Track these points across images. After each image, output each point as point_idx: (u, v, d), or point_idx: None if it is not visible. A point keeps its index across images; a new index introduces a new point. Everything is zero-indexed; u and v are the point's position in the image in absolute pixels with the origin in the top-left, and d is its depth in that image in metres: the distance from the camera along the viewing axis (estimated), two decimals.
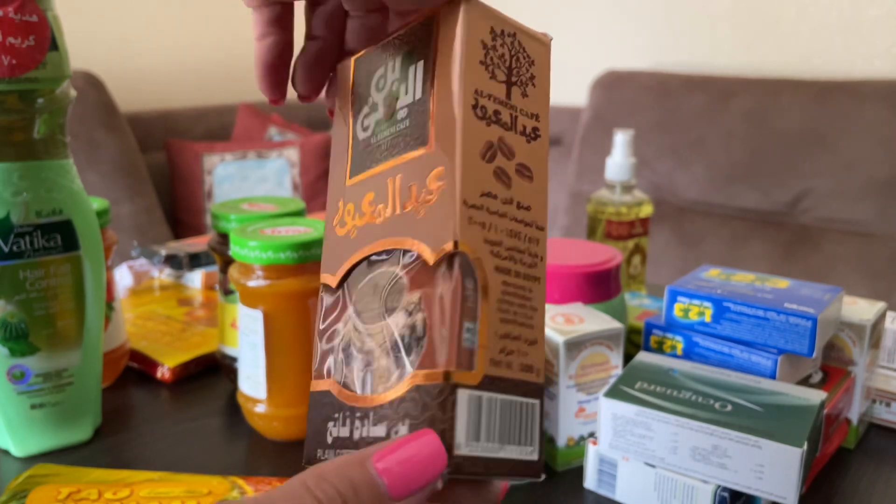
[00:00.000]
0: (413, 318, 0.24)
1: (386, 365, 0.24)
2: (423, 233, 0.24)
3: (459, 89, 0.25)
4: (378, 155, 0.27)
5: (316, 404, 0.26)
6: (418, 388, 0.23)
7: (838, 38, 1.69)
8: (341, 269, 0.27)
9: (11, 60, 0.45)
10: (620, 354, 0.49)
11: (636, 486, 0.44)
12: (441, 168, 0.24)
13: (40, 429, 0.50)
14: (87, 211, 0.50)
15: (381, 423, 0.24)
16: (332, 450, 0.25)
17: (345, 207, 0.27)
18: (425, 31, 0.26)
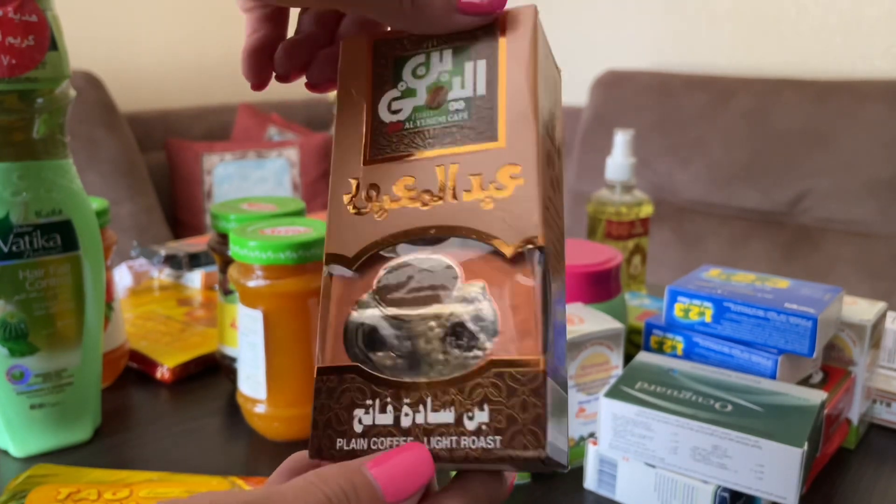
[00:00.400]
0: (477, 306, 0.24)
1: (441, 349, 0.24)
2: (496, 223, 0.25)
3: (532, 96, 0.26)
4: (419, 141, 0.27)
5: (330, 391, 0.25)
6: (500, 373, 0.23)
7: (838, 38, 1.69)
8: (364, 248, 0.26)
9: (11, 60, 0.45)
10: (620, 354, 0.49)
11: (636, 487, 0.44)
12: (517, 166, 0.25)
13: (40, 429, 0.50)
14: (86, 211, 0.50)
15: (446, 408, 0.23)
16: (364, 438, 0.24)
17: (363, 187, 0.27)
18: (486, 31, 0.27)
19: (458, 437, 0.23)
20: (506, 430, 0.23)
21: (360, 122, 0.28)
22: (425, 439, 0.23)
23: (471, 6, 0.27)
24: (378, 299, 0.25)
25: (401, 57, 0.29)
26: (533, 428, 0.23)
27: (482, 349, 0.24)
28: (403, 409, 0.24)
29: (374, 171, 0.27)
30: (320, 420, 0.25)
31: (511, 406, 0.23)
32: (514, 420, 0.23)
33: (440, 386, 0.24)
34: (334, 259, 0.26)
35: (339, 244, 0.26)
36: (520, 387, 0.23)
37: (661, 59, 1.94)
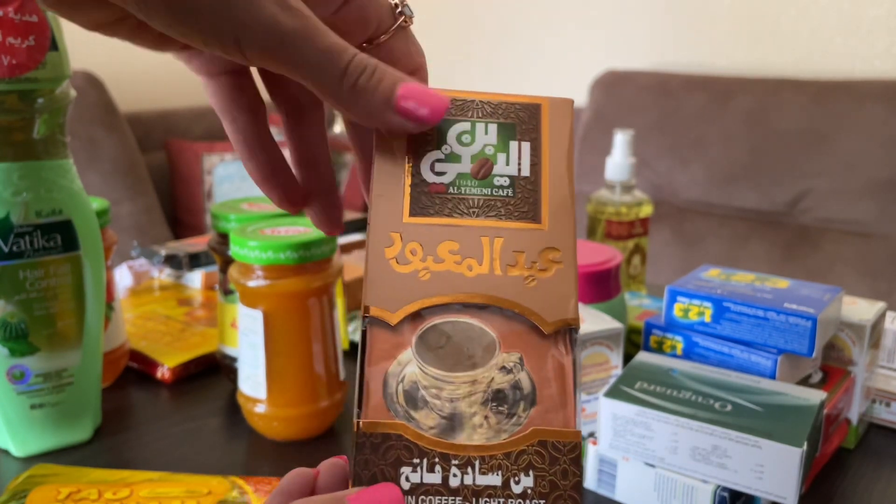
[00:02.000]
0: (515, 376, 0.26)
1: (483, 415, 0.26)
2: (537, 301, 0.27)
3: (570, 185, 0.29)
4: (462, 207, 0.28)
5: (374, 447, 0.25)
6: (543, 443, 0.26)
7: (838, 38, 1.69)
8: (407, 307, 0.27)
9: (11, 60, 0.45)
10: (620, 354, 0.49)
11: (636, 486, 0.44)
12: (558, 251, 0.28)
13: (40, 429, 0.50)
14: (86, 211, 0.50)
15: (493, 471, 0.25)
16: (412, 496, 0.25)
17: (406, 244, 0.27)
18: (530, 115, 0.29)
19: (505, 499, 0.25)
20: (549, 495, 0.25)
21: (401, 176, 0.28)
22: (474, 500, 0.25)
23: (407, 112, 0.26)
24: (418, 357, 0.26)
25: (445, 120, 0.29)
26: (573, 493, 0.26)
27: (523, 417, 0.26)
28: (452, 470, 0.25)
29: (417, 229, 0.28)
30: (364, 475, 0.25)
31: (553, 473, 0.25)
32: (556, 486, 0.25)
33: (488, 450, 0.25)
34: (377, 313, 0.27)
35: (382, 300, 0.27)
36: (561, 456, 0.26)
37: (661, 59, 1.94)
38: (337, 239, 0.51)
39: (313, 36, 0.25)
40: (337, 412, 0.54)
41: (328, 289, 0.51)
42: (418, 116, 0.27)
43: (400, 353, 0.26)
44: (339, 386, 0.53)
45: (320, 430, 0.53)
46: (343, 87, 0.26)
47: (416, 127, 0.27)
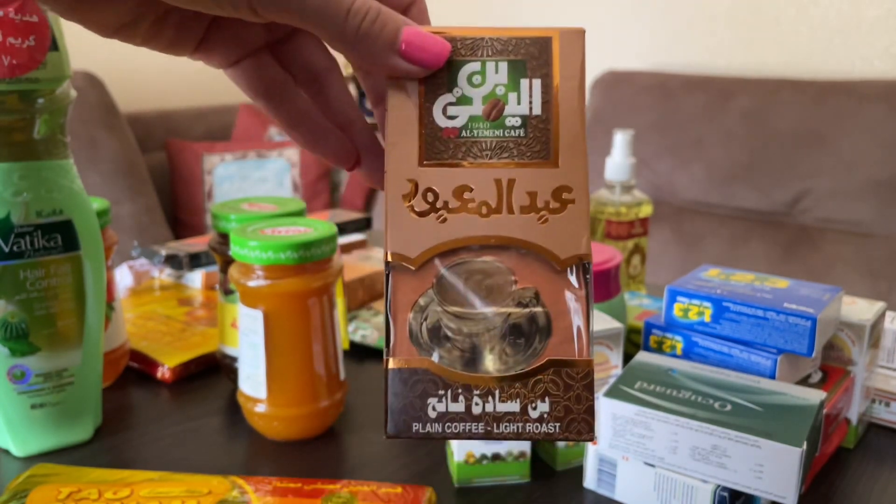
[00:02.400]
0: (531, 310, 0.28)
1: (502, 348, 0.28)
2: (551, 238, 0.28)
3: (582, 120, 0.29)
4: (475, 150, 0.29)
5: (403, 381, 0.28)
6: (558, 371, 0.27)
7: (838, 38, 1.69)
8: (427, 250, 0.28)
9: (12, 60, 0.45)
10: (620, 354, 0.49)
11: (636, 486, 0.44)
12: (570, 188, 0.28)
13: (40, 429, 0.51)
14: (87, 211, 0.50)
15: (512, 399, 0.28)
16: (438, 423, 0.28)
17: (421, 189, 0.28)
18: (540, 50, 0.29)
19: (523, 423, 0.28)
20: (564, 419, 0.28)
21: (414, 122, 0.29)
22: (495, 425, 0.27)
23: (411, 55, 0.28)
24: (439, 296, 0.28)
25: (455, 61, 0.29)
26: (586, 417, 0.28)
27: (539, 349, 0.28)
28: (474, 400, 0.28)
29: (431, 175, 0.29)
30: (396, 406, 0.28)
31: (567, 399, 0.28)
32: (570, 410, 0.28)
33: (507, 380, 0.28)
34: (397, 258, 0.28)
35: (402, 245, 0.28)
36: (574, 383, 0.28)
37: (660, 60, 1.94)
38: (337, 239, 0.51)
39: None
40: (337, 412, 0.54)
41: (328, 289, 0.51)
42: (421, 60, 0.28)
43: (422, 293, 0.28)
44: (339, 386, 0.53)
45: (320, 430, 0.53)
46: (347, 32, 0.27)
47: (421, 71, 0.28)
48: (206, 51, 0.30)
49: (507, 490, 0.47)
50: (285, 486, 0.43)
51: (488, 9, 2.21)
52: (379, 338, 0.68)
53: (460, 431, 0.28)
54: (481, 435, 0.27)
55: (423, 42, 0.28)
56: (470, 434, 0.28)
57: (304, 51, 0.32)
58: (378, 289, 0.78)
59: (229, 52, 0.31)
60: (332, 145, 0.32)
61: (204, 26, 0.30)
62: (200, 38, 0.30)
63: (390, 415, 0.28)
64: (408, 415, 0.28)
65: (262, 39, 0.31)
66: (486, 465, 0.47)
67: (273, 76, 0.31)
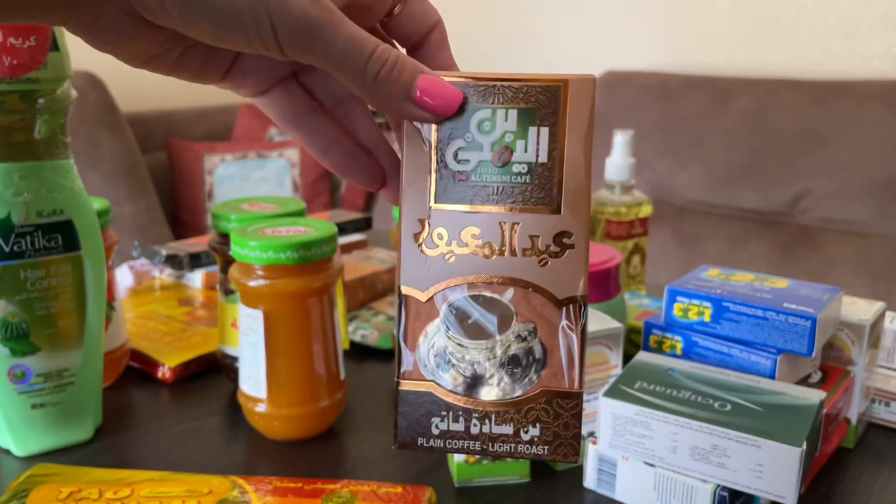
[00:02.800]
0: (529, 343, 0.30)
1: (500, 376, 0.31)
2: (549, 279, 0.30)
3: (587, 170, 0.30)
4: (483, 195, 0.31)
5: (411, 402, 0.31)
6: (549, 401, 0.31)
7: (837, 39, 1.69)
8: (435, 287, 0.31)
9: (12, 61, 0.45)
10: (620, 354, 0.49)
11: (636, 486, 0.44)
12: (571, 234, 0.30)
13: (41, 428, 0.51)
14: (87, 211, 0.50)
15: (506, 423, 0.31)
16: (440, 439, 0.31)
17: (432, 229, 0.31)
18: (550, 98, 0.30)
19: (515, 444, 0.31)
20: (552, 443, 0.31)
21: (427, 165, 0.31)
22: (490, 444, 0.31)
23: (425, 103, 0.29)
24: (445, 327, 0.31)
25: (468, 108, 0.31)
26: (572, 441, 0.31)
27: (534, 378, 0.31)
28: (472, 421, 0.31)
29: (441, 216, 0.31)
30: (404, 423, 0.31)
31: (556, 426, 0.31)
32: (559, 435, 0.31)
33: (502, 406, 0.31)
34: (409, 293, 0.31)
35: (413, 281, 0.31)
36: (563, 412, 0.31)
37: (660, 60, 1.95)
38: (337, 239, 0.51)
39: (338, 26, 0.27)
40: (337, 411, 0.54)
41: (328, 289, 0.51)
42: (434, 108, 0.29)
43: (430, 324, 0.31)
44: (339, 385, 0.53)
45: (321, 430, 0.53)
46: (366, 78, 0.28)
47: (433, 118, 0.30)
48: (234, 79, 0.32)
49: (507, 490, 0.47)
50: (285, 485, 0.43)
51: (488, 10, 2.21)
52: (379, 338, 0.68)
53: (459, 447, 0.31)
54: (477, 451, 0.31)
55: (437, 91, 0.29)
56: (467, 450, 0.31)
57: (328, 79, 0.33)
58: (378, 288, 0.78)
59: (257, 81, 0.32)
60: (361, 168, 0.33)
61: (230, 58, 0.31)
62: (227, 68, 0.31)
63: (399, 430, 0.31)
64: (414, 430, 0.31)
65: (287, 69, 0.32)
66: (486, 465, 0.47)
67: (302, 104, 0.33)
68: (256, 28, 0.26)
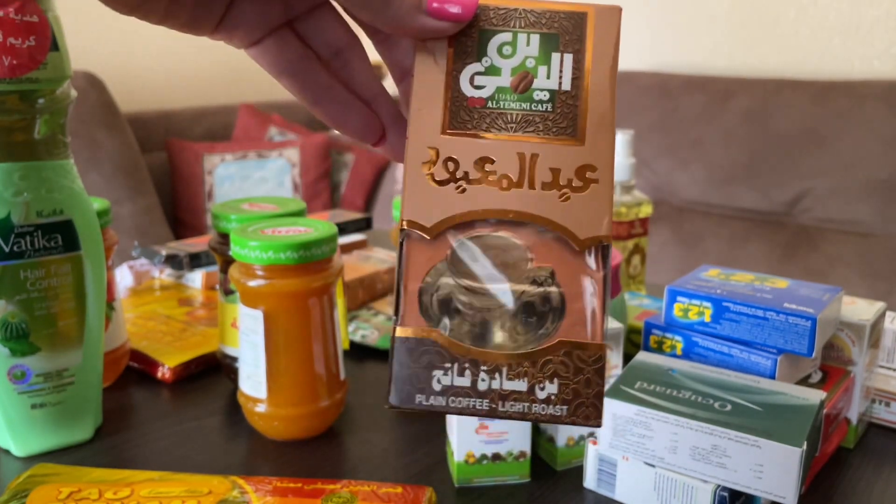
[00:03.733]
0: (546, 289, 0.27)
1: (513, 325, 0.27)
2: (571, 217, 0.27)
3: (612, 99, 0.28)
4: (500, 122, 0.28)
5: (409, 351, 0.27)
6: (569, 353, 0.27)
7: (837, 39, 1.69)
8: (443, 219, 0.28)
9: (12, 61, 0.45)
10: (620, 354, 0.49)
11: (636, 486, 0.44)
12: (595, 168, 0.28)
13: (41, 428, 0.51)
14: (87, 211, 0.50)
15: (519, 378, 0.27)
16: (442, 396, 0.27)
17: (442, 158, 0.28)
18: (574, 24, 0.28)
19: (529, 403, 0.27)
20: (571, 402, 0.27)
21: (440, 89, 0.29)
22: (500, 403, 0.27)
23: (439, 11, 0.27)
24: (453, 268, 0.27)
25: (486, 30, 0.29)
26: (595, 402, 0.27)
27: (550, 329, 0.27)
28: (480, 375, 0.27)
29: (454, 144, 0.28)
30: (401, 375, 0.27)
31: (577, 382, 0.27)
32: (579, 394, 0.27)
33: (515, 358, 0.27)
34: (412, 226, 0.28)
35: (418, 212, 0.28)
36: (585, 366, 0.27)
37: (660, 60, 1.95)
38: (337, 239, 0.51)
39: None
40: (337, 412, 0.54)
41: (328, 289, 0.51)
42: (450, 15, 0.27)
43: (436, 263, 0.28)
44: (339, 385, 0.53)
45: (321, 430, 0.53)
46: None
47: (451, 27, 0.28)
48: (227, 30, 0.30)
49: (507, 490, 0.47)
50: (285, 486, 0.43)
51: None
52: (379, 338, 0.68)
53: (464, 407, 0.27)
54: (485, 412, 0.27)
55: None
56: (474, 410, 0.27)
57: (326, 27, 0.32)
58: (378, 289, 0.78)
59: (251, 30, 0.30)
60: (356, 120, 0.32)
61: (224, 5, 0.30)
62: (221, 16, 0.30)
63: (394, 384, 0.27)
64: (412, 385, 0.27)
65: (283, 17, 0.31)
66: (486, 465, 0.47)
67: (295, 53, 0.31)
68: None
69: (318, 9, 0.32)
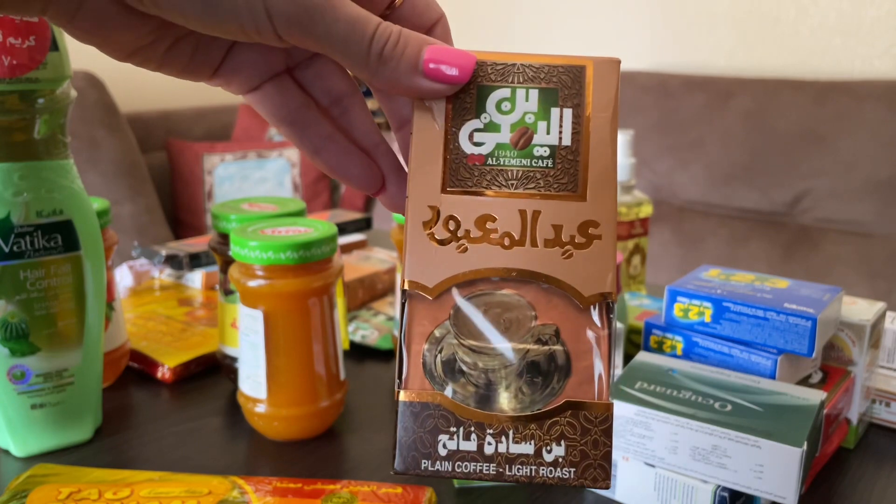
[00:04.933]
0: (551, 347, 0.27)
1: (518, 386, 0.27)
2: (574, 274, 0.27)
3: (613, 154, 0.28)
4: (501, 179, 0.28)
5: (414, 415, 0.27)
6: (575, 413, 0.27)
7: (838, 39, 1.69)
8: (445, 279, 0.27)
9: (12, 61, 0.45)
10: (620, 354, 0.49)
11: (636, 486, 0.44)
12: (597, 224, 0.27)
13: (41, 429, 0.51)
14: (87, 211, 0.50)
15: (526, 441, 0.27)
16: (448, 461, 0.27)
17: (443, 216, 0.28)
18: (573, 78, 0.28)
19: (537, 466, 0.26)
20: (579, 464, 0.26)
21: (439, 147, 0.28)
22: (507, 466, 0.26)
23: (436, 74, 0.27)
24: (456, 328, 0.27)
25: (484, 86, 0.28)
26: (602, 463, 0.26)
27: (557, 388, 0.27)
28: (487, 439, 0.27)
29: (454, 202, 0.28)
30: (405, 440, 0.27)
31: (584, 443, 0.26)
32: (587, 455, 0.26)
33: (521, 421, 0.27)
34: (414, 286, 0.27)
35: (420, 273, 0.27)
36: (592, 427, 0.27)
37: (660, 60, 1.95)
38: (337, 239, 0.51)
39: (336, 6, 0.25)
40: (337, 412, 0.54)
41: (328, 289, 0.51)
42: (447, 77, 0.27)
43: (438, 324, 0.27)
44: (339, 386, 0.53)
45: (320, 430, 0.53)
46: (370, 57, 0.26)
47: (447, 89, 0.27)
48: (225, 76, 0.30)
49: (508, 490, 0.47)
50: (285, 486, 0.43)
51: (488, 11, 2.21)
52: (379, 338, 0.68)
53: (470, 471, 0.27)
54: (492, 476, 0.26)
55: (447, 58, 0.27)
56: (480, 475, 0.27)
57: (325, 75, 0.31)
58: (378, 288, 0.78)
59: (249, 77, 0.30)
60: (356, 170, 0.31)
61: (223, 51, 0.29)
62: (219, 62, 0.29)
63: (399, 450, 0.27)
64: (417, 451, 0.27)
65: (282, 64, 0.31)
66: None
67: (295, 101, 0.31)
68: (250, 12, 0.25)
69: (317, 56, 0.31)
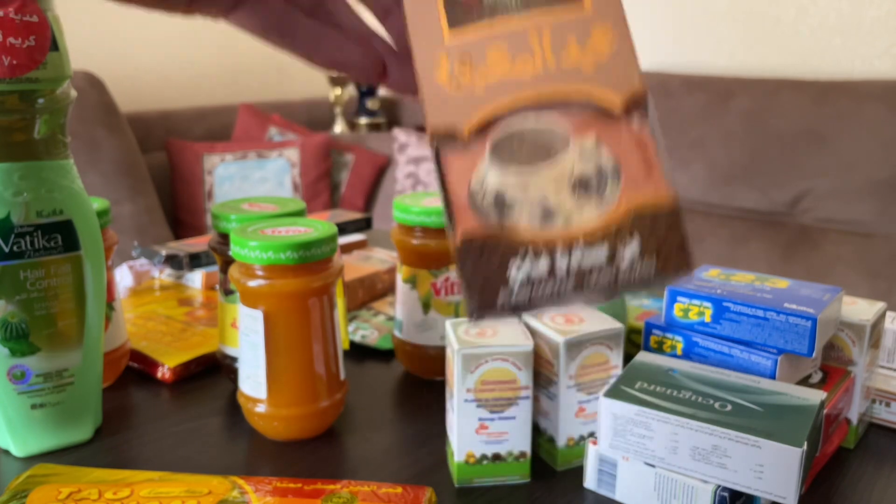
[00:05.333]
0: (595, 158, 0.26)
1: (573, 203, 0.26)
2: (599, 82, 0.26)
3: None
4: (499, 9, 0.27)
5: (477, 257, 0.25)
6: (640, 213, 0.25)
7: (838, 39, 1.69)
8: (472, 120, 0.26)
9: (12, 61, 0.45)
10: (620, 354, 0.49)
11: (636, 486, 0.44)
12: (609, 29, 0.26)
13: (41, 429, 0.51)
14: (87, 211, 0.50)
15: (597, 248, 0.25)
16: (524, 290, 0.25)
17: (452, 59, 0.27)
18: None
19: (615, 271, 0.25)
20: (657, 258, 0.25)
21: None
22: (585, 278, 0.25)
23: None
24: (496, 162, 0.26)
25: None
26: (679, 251, 0.25)
27: (612, 196, 0.26)
28: (557, 256, 0.25)
29: (460, 42, 0.27)
30: (475, 283, 0.25)
31: (656, 237, 0.25)
32: (662, 247, 0.25)
33: (586, 231, 0.25)
34: (442, 135, 0.26)
35: (445, 121, 0.26)
36: (658, 220, 0.25)
37: (660, 59, 1.94)
38: (337, 239, 0.51)
39: None
40: (337, 412, 0.54)
41: (328, 289, 0.51)
42: None
43: (477, 165, 0.26)
44: (339, 386, 0.53)
45: (320, 430, 0.53)
46: None
47: None
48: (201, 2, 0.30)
49: (507, 490, 0.47)
50: (285, 486, 0.43)
51: None
52: (379, 338, 0.68)
53: (551, 294, 0.25)
54: (572, 294, 0.25)
55: None
56: (560, 296, 0.25)
57: None
58: (378, 289, 0.78)
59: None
60: (356, 58, 0.31)
61: None
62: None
63: (470, 294, 0.25)
64: (491, 288, 0.25)
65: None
66: (486, 465, 0.47)
67: (278, 9, 0.31)
68: None
69: None
